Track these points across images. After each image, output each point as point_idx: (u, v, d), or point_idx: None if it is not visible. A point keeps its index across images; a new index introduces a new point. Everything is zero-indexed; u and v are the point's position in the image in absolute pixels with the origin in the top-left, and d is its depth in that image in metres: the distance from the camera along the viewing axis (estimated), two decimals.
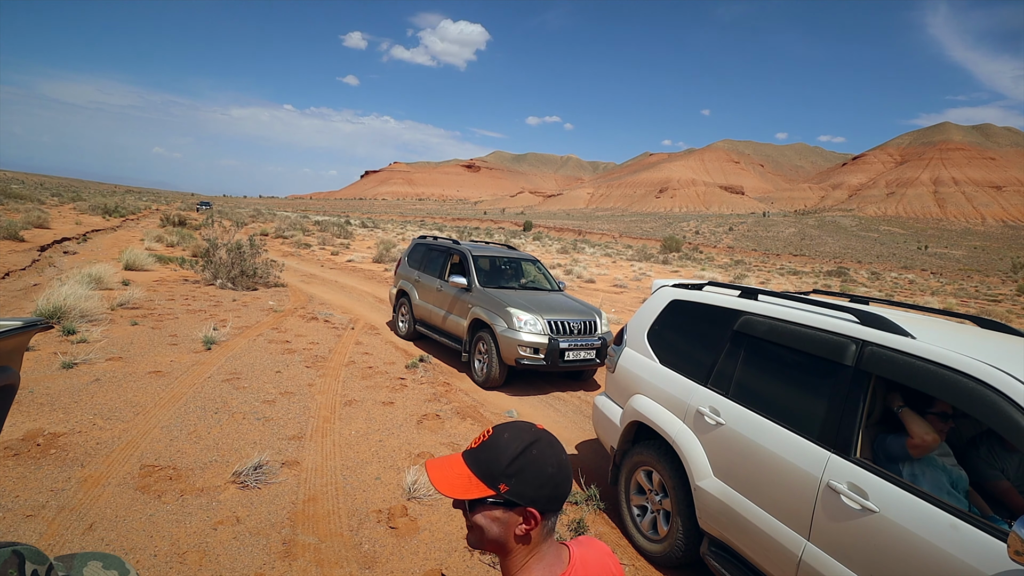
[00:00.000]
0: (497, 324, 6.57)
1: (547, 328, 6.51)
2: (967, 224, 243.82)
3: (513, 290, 7.56)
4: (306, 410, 5.28)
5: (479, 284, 7.39)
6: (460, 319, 7.39)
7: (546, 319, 6.56)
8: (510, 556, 1.05)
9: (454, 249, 8.30)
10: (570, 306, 7.22)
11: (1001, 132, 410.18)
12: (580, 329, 6.75)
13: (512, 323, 6.45)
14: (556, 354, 6.41)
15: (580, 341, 6.61)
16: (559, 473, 1.04)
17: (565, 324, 6.67)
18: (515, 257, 8.55)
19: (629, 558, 3.49)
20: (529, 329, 6.44)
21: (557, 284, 8.51)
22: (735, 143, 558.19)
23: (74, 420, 4.42)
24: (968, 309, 24.54)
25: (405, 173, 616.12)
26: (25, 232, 15.77)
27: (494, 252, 8.34)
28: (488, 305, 6.89)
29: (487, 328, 6.79)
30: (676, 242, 64.97)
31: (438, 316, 7.97)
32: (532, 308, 6.67)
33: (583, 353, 6.62)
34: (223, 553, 3.05)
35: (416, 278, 8.78)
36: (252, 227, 36.90)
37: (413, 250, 9.42)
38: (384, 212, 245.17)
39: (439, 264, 8.42)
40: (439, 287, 8.07)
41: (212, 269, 12.12)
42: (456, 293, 7.58)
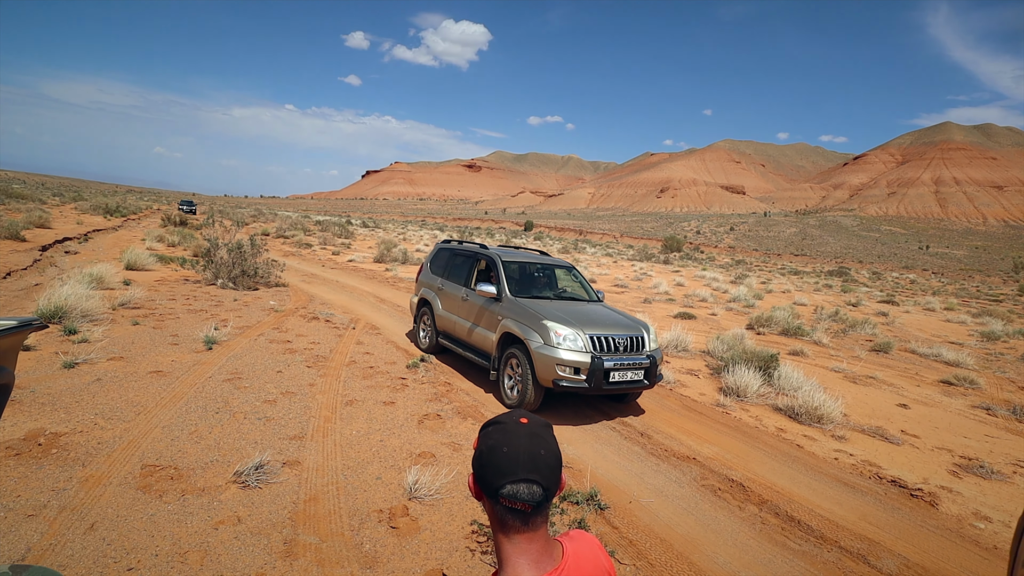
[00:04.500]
0: (532, 339, 5.83)
1: (589, 344, 5.70)
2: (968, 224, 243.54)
3: (548, 300, 6.80)
4: (307, 410, 5.28)
5: (510, 293, 6.64)
6: (488, 333, 6.69)
7: (588, 334, 5.75)
8: (497, 548, 1.06)
9: (482, 254, 7.58)
10: (614, 319, 6.42)
11: (1002, 132, 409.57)
12: (626, 346, 5.92)
13: (549, 338, 5.70)
14: (600, 375, 5.55)
15: (626, 360, 5.78)
16: (491, 452, 1.03)
17: (609, 340, 5.83)
18: (549, 263, 7.77)
19: (631, 558, 3.50)
20: (569, 346, 5.64)
21: (596, 294, 7.69)
22: (736, 143, 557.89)
23: (75, 420, 4.43)
24: (970, 309, 24.51)
25: (406, 173, 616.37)
26: (26, 232, 15.80)
27: (526, 258, 7.61)
28: (521, 317, 6.18)
29: (520, 344, 6.08)
30: (677, 242, 64.93)
31: (463, 328, 7.28)
32: (571, 321, 5.90)
33: (630, 373, 5.79)
34: (224, 553, 3.05)
35: (439, 286, 8.09)
36: (253, 227, 36.92)
37: (436, 255, 8.73)
38: (385, 212, 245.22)
39: (465, 271, 7.72)
40: (464, 296, 7.37)
41: (213, 269, 12.14)
42: (484, 303, 6.89)
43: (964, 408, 7.84)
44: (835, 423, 6.46)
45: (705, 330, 12.33)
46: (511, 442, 1.02)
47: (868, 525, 4.21)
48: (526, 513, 1.01)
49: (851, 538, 3.98)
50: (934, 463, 5.62)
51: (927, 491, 4.86)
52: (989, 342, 14.57)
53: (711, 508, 4.28)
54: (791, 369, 7.72)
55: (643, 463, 5.00)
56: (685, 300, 18.36)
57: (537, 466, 1.01)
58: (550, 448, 1.05)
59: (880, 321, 16.86)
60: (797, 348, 10.86)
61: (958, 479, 5.26)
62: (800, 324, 12.87)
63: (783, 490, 4.67)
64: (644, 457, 5.14)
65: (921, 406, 7.73)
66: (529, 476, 1.00)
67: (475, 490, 1.06)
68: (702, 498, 4.43)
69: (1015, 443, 6.51)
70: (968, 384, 8.99)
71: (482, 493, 1.05)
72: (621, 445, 5.40)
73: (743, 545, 3.79)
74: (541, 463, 1.02)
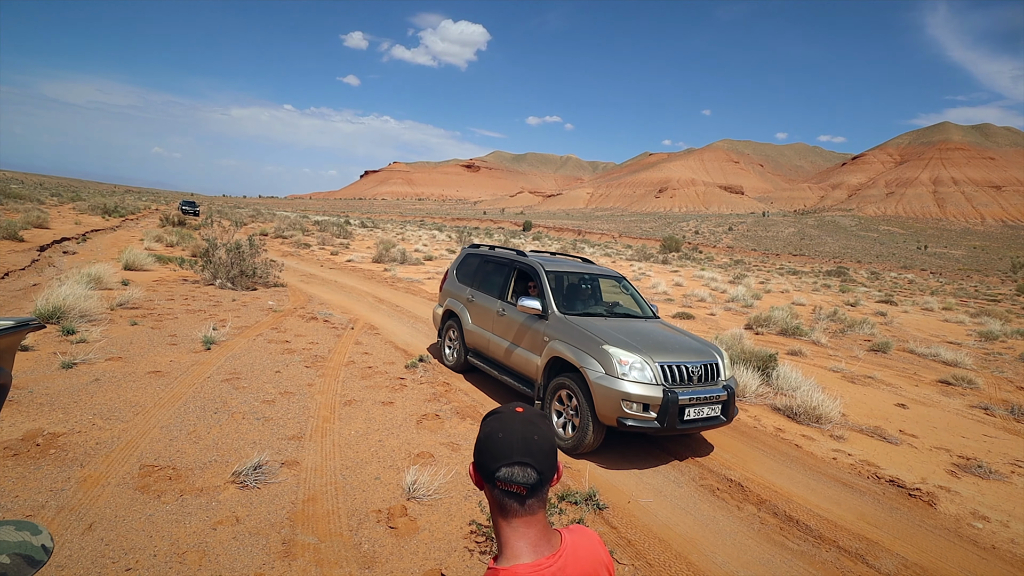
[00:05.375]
0: (589, 367, 4.92)
1: (659, 375, 4.82)
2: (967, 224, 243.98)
3: (601, 318, 5.90)
4: (306, 410, 5.28)
5: (558, 310, 5.74)
6: (531, 355, 5.79)
7: (658, 362, 4.87)
8: (496, 533, 1.12)
9: (519, 263, 6.66)
10: (682, 342, 5.51)
11: (1001, 132, 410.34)
12: (700, 375, 5.07)
13: (612, 367, 4.79)
14: (674, 412, 4.68)
15: (702, 392, 4.91)
16: (487, 439, 1.10)
17: (682, 369, 4.96)
18: (596, 273, 6.83)
19: (629, 557, 3.50)
20: (635, 376, 4.75)
21: (651, 308, 6.70)
22: (735, 143, 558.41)
23: (73, 420, 4.42)
24: (968, 309, 24.55)
25: (405, 173, 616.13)
26: (24, 232, 15.77)
27: (571, 267, 6.68)
28: (573, 339, 5.26)
29: (573, 371, 5.19)
30: (676, 242, 64.98)
31: (499, 348, 6.42)
32: (637, 346, 5.02)
33: (706, 409, 4.91)
34: (222, 553, 3.05)
35: (468, 297, 7.24)
36: (251, 227, 36.90)
37: (463, 262, 7.84)
38: (384, 212, 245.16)
39: (499, 281, 6.84)
40: (500, 310, 6.50)
41: (211, 269, 12.12)
42: (525, 321, 6.00)
43: (962, 408, 7.86)
44: (833, 423, 6.47)
45: (704, 330, 12.34)
46: (506, 428, 1.09)
47: (866, 525, 4.22)
48: (522, 496, 1.08)
49: (849, 538, 3.98)
50: (932, 463, 5.63)
51: (925, 491, 4.87)
52: (987, 342, 14.59)
53: (709, 508, 4.28)
54: (790, 369, 7.73)
55: (641, 463, 5.02)
56: (684, 300, 18.38)
57: (531, 450, 1.08)
58: (543, 434, 1.11)
59: (878, 321, 16.88)
60: (796, 348, 10.87)
61: (956, 479, 5.27)
62: (798, 324, 12.88)
63: (781, 490, 4.67)
64: (643, 457, 5.16)
65: (919, 406, 7.74)
66: (523, 459, 1.07)
67: (475, 477, 1.13)
68: (700, 498, 4.44)
69: (1013, 443, 6.52)
70: (966, 384, 9.00)
71: (482, 480, 1.11)
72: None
73: (741, 545, 3.79)
74: (535, 447, 1.08)
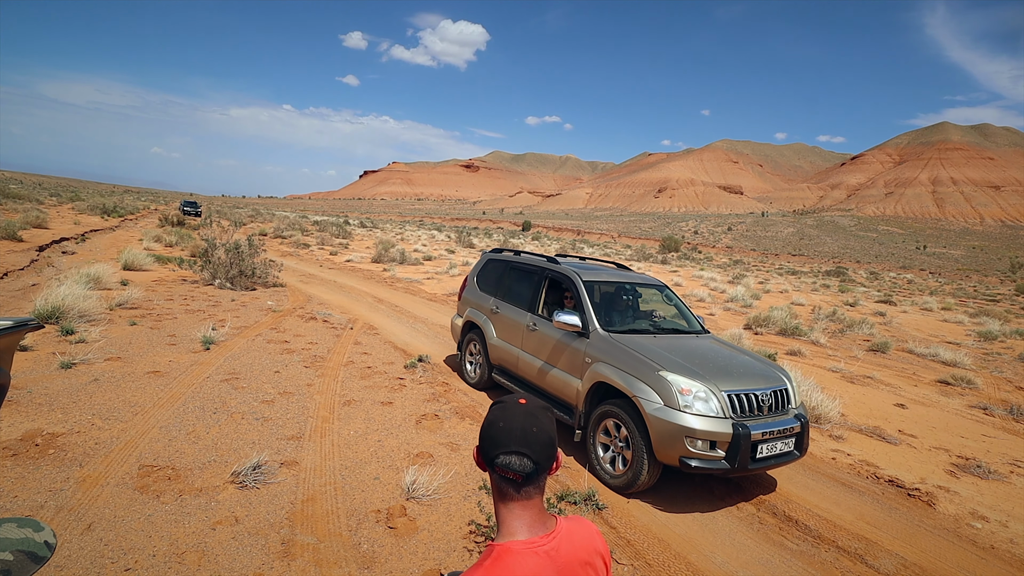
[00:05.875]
0: (643, 397, 4.21)
1: (726, 405, 4.12)
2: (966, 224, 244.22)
3: (649, 335, 5.16)
4: (305, 410, 5.28)
5: (601, 327, 5.01)
6: (570, 378, 5.09)
7: (724, 391, 4.17)
8: (496, 514, 1.18)
9: (551, 271, 5.92)
10: (745, 365, 4.73)
11: (1000, 132, 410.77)
12: (771, 404, 4.36)
13: (671, 397, 4.09)
14: (746, 450, 3.99)
15: (775, 425, 4.22)
16: (489, 426, 1.17)
17: (752, 398, 4.26)
18: (637, 282, 6.08)
19: (629, 557, 3.50)
20: (700, 408, 4.05)
21: (699, 321, 6.02)
22: (734, 143, 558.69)
23: (73, 420, 4.42)
24: (967, 309, 24.57)
25: (404, 173, 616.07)
26: (23, 232, 15.75)
27: (611, 276, 5.92)
28: (622, 362, 4.56)
29: (622, 399, 4.49)
30: (675, 242, 64.99)
31: (530, 367, 5.72)
32: (698, 371, 4.30)
33: (779, 444, 4.21)
34: (222, 553, 3.04)
35: (493, 308, 6.56)
36: (251, 227, 36.88)
37: (485, 269, 7.15)
38: (383, 212, 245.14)
39: (528, 291, 6.15)
40: (531, 325, 5.82)
41: (211, 269, 12.12)
42: (562, 338, 5.29)
43: (961, 408, 7.86)
44: (833, 423, 6.47)
45: None
46: (507, 418, 1.15)
47: (865, 525, 4.22)
48: (518, 483, 1.14)
49: (848, 538, 3.99)
50: (931, 463, 5.64)
51: (924, 491, 4.87)
52: (986, 342, 14.61)
53: (708, 508, 4.29)
54: (789, 369, 7.73)
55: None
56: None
57: (528, 441, 1.13)
58: (543, 427, 1.16)
59: (878, 321, 16.89)
60: (795, 348, 10.87)
61: (955, 479, 5.28)
62: (798, 324, 12.89)
63: (780, 490, 4.67)
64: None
65: (918, 406, 7.75)
66: (520, 449, 1.12)
67: (477, 460, 1.20)
68: (699, 499, 4.44)
69: (1012, 443, 6.53)
70: (965, 384, 9.01)
71: (483, 463, 1.18)
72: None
73: (740, 545, 3.79)
74: (532, 439, 1.13)
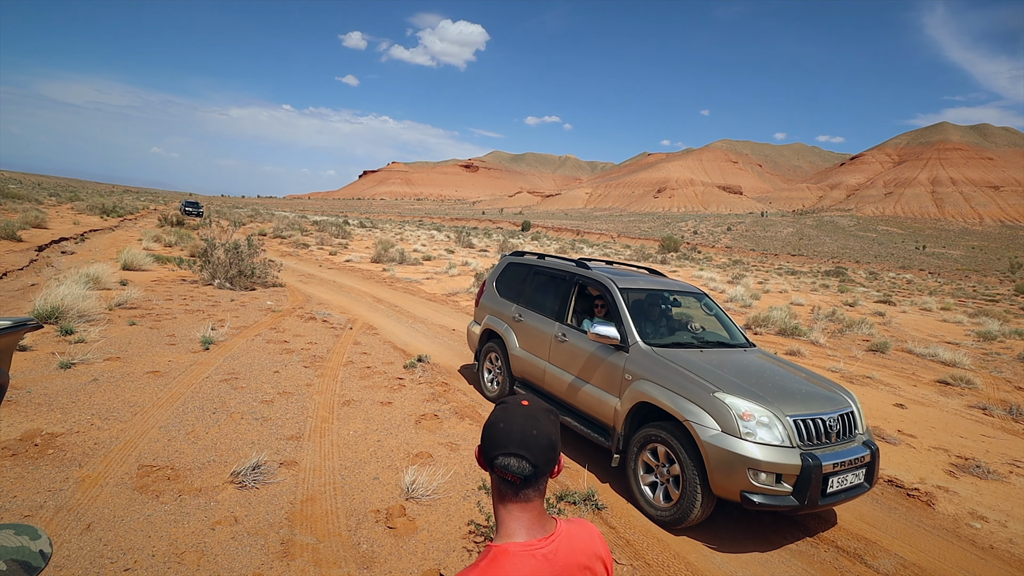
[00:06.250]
0: (697, 421, 3.72)
1: (793, 433, 3.63)
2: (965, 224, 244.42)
3: (694, 350, 4.65)
4: (304, 410, 5.27)
5: (642, 340, 4.51)
6: (606, 396, 4.57)
7: (788, 415, 3.68)
8: (495, 515, 1.17)
9: (582, 277, 5.40)
10: (805, 385, 4.23)
11: (999, 132, 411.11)
12: (838, 430, 3.88)
13: (730, 422, 3.60)
14: (817, 484, 3.50)
15: (847, 454, 3.76)
16: (490, 427, 1.16)
17: (819, 424, 3.77)
18: (673, 289, 5.57)
19: (628, 557, 3.50)
20: (764, 436, 3.57)
21: (743, 334, 5.47)
22: (733, 143, 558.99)
23: (72, 420, 4.42)
24: (966, 309, 24.59)
25: (403, 173, 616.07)
26: (23, 232, 15.74)
27: (648, 283, 5.36)
28: (669, 381, 4.05)
29: (671, 423, 3.97)
30: (674, 242, 64.99)
31: (558, 382, 5.20)
32: (758, 393, 3.83)
33: (850, 476, 3.74)
34: (221, 553, 3.04)
35: (515, 316, 6.06)
36: (250, 227, 36.87)
37: (505, 273, 6.65)
38: (382, 212, 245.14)
39: (556, 299, 5.63)
40: (560, 336, 5.28)
41: (210, 269, 12.11)
42: (596, 351, 4.77)
43: (961, 408, 7.87)
44: None
45: None
46: (508, 419, 1.14)
47: (865, 525, 4.22)
48: (516, 485, 1.13)
49: (848, 538, 3.99)
50: (931, 463, 5.64)
51: (924, 491, 4.88)
52: (985, 342, 14.61)
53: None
54: None
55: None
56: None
57: (527, 444, 1.11)
58: (543, 430, 1.14)
59: (877, 321, 16.90)
60: (794, 348, 10.88)
61: (954, 479, 5.28)
62: (797, 324, 12.89)
63: None
64: None
65: (918, 406, 7.75)
66: (519, 451, 1.11)
67: (479, 459, 1.19)
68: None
69: (1011, 443, 6.53)
70: (965, 384, 9.01)
71: (483, 462, 1.17)
72: None
73: (740, 545, 3.80)
74: (532, 442, 1.12)
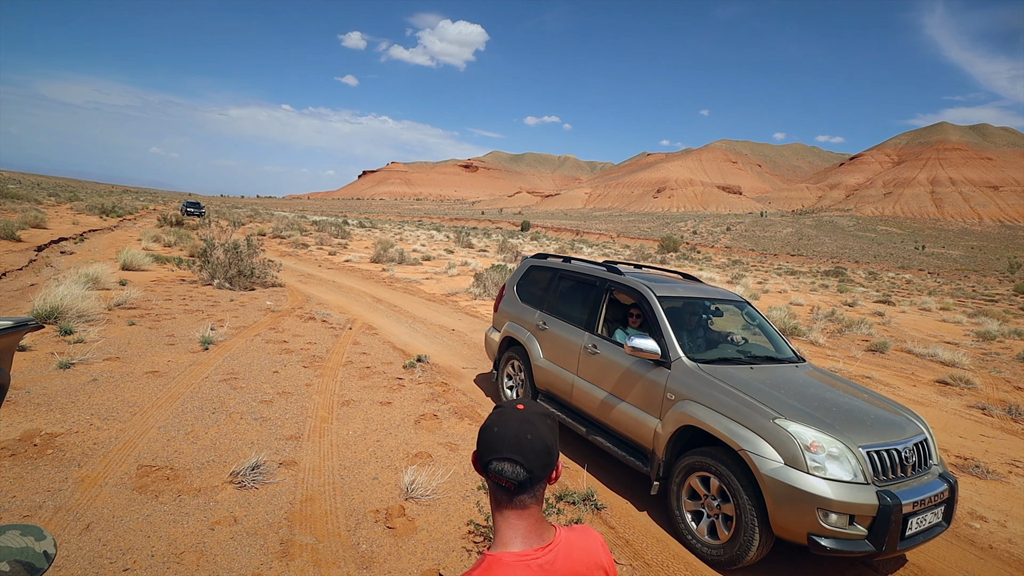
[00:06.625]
0: (754, 451, 3.26)
1: (867, 466, 3.17)
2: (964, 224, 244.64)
3: (743, 367, 4.17)
4: (303, 410, 5.27)
5: (686, 355, 4.07)
6: (645, 416, 4.11)
7: (861, 447, 3.22)
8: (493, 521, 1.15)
9: (614, 283, 4.95)
10: (872, 409, 3.76)
11: (998, 132, 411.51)
12: (914, 462, 3.43)
13: (795, 454, 3.14)
14: (897, 526, 3.05)
15: (926, 490, 3.31)
16: (485, 431, 1.13)
17: (893, 456, 3.32)
18: (713, 297, 5.11)
19: (627, 557, 3.50)
20: (835, 471, 3.12)
21: (790, 346, 5.08)
22: (733, 143, 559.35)
23: (71, 420, 4.41)
24: (965, 309, 24.62)
25: (403, 173, 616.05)
26: (22, 232, 15.72)
27: (687, 291, 4.90)
28: (719, 403, 3.59)
29: (721, 448, 3.53)
30: (674, 242, 65.00)
31: (588, 398, 4.74)
32: (825, 419, 3.36)
33: (929, 515, 3.29)
34: (220, 553, 3.04)
35: (539, 323, 5.58)
36: (249, 227, 36.86)
37: (526, 277, 6.19)
38: (382, 212, 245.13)
39: (584, 306, 5.15)
40: (590, 347, 4.82)
41: (209, 269, 12.10)
42: (633, 366, 4.32)
43: (960, 408, 7.87)
44: None
45: None
46: (502, 423, 1.11)
47: None
48: (511, 490, 1.10)
49: None
50: None
51: None
52: (985, 342, 14.63)
53: None
54: None
55: None
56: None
57: (522, 448, 1.08)
58: (538, 435, 1.11)
59: (876, 321, 16.92)
60: (793, 348, 10.88)
61: None
62: (796, 324, 12.90)
63: None
64: None
65: (917, 406, 7.76)
66: (513, 456, 1.08)
67: (475, 464, 1.16)
68: None
69: (1011, 443, 6.54)
70: (964, 384, 9.02)
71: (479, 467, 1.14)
72: None
73: None
74: (526, 446, 1.09)
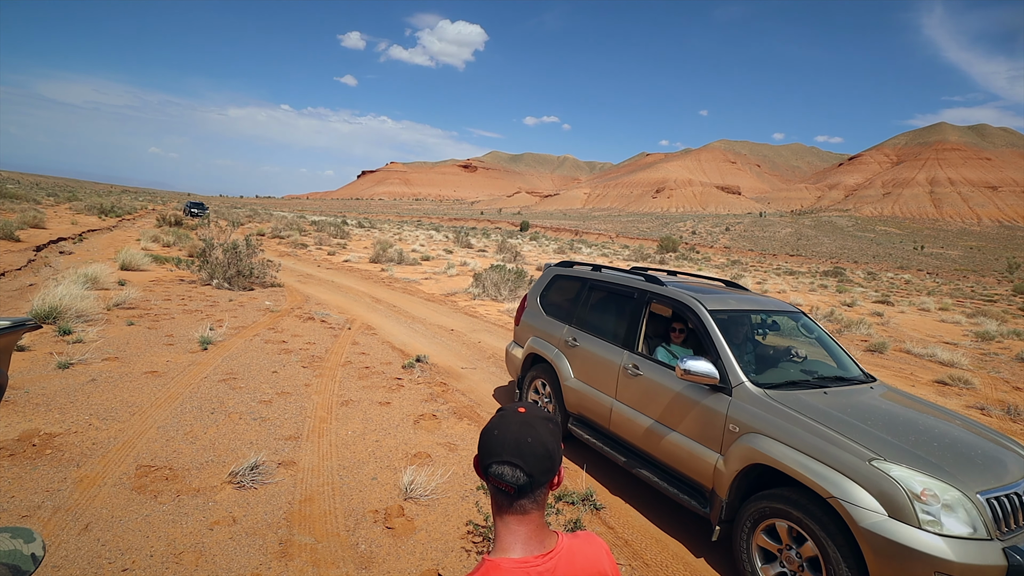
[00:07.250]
0: (848, 499, 2.75)
1: (988, 517, 2.67)
2: (963, 224, 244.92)
3: (815, 391, 3.61)
4: (302, 410, 5.27)
5: (748, 380, 3.54)
6: (701, 449, 3.58)
7: (980, 493, 2.72)
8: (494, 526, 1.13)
9: (656, 294, 4.40)
10: (975, 441, 3.24)
11: (997, 132, 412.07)
12: None
13: (901, 503, 2.65)
14: None
15: None
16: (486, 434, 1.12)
17: (1015, 501, 2.81)
18: (768, 309, 4.56)
19: (626, 558, 3.50)
20: (952, 525, 2.63)
21: (856, 363, 4.51)
22: (732, 143, 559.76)
23: (70, 420, 4.41)
24: (964, 309, 24.64)
25: (402, 173, 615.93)
26: (21, 232, 15.71)
27: (740, 302, 4.34)
28: (797, 439, 3.06)
29: (800, 490, 2.99)
30: (673, 242, 64.99)
31: (631, 425, 4.17)
32: (931, 460, 2.85)
33: None
34: (219, 553, 3.05)
35: (568, 339, 5.00)
36: (248, 227, 36.83)
37: (551, 287, 5.63)
38: (381, 212, 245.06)
39: (621, 320, 4.60)
40: (630, 367, 4.27)
41: (208, 269, 12.10)
42: (684, 390, 3.79)
43: (959, 408, 7.88)
44: None
45: None
46: (503, 426, 1.10)
47: None
48: (511, 495, 1.08)
49: None
50: None
51: None
52: (984, 342, 14.65)
53: None
54: None
55: None
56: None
57: (521, 452, 1.07)
58: (538, 438, 1.09)
59: (875, 321, 16.93)
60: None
61: None
62: None
63: None
64: None
65: None
66: (512, 459, 1.07)
67: (476, 467, 1.15)
68: None
69: None
70: (963, 384, 9.03)
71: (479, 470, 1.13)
72: None
73: None
74: (526, 450, 1.07)
